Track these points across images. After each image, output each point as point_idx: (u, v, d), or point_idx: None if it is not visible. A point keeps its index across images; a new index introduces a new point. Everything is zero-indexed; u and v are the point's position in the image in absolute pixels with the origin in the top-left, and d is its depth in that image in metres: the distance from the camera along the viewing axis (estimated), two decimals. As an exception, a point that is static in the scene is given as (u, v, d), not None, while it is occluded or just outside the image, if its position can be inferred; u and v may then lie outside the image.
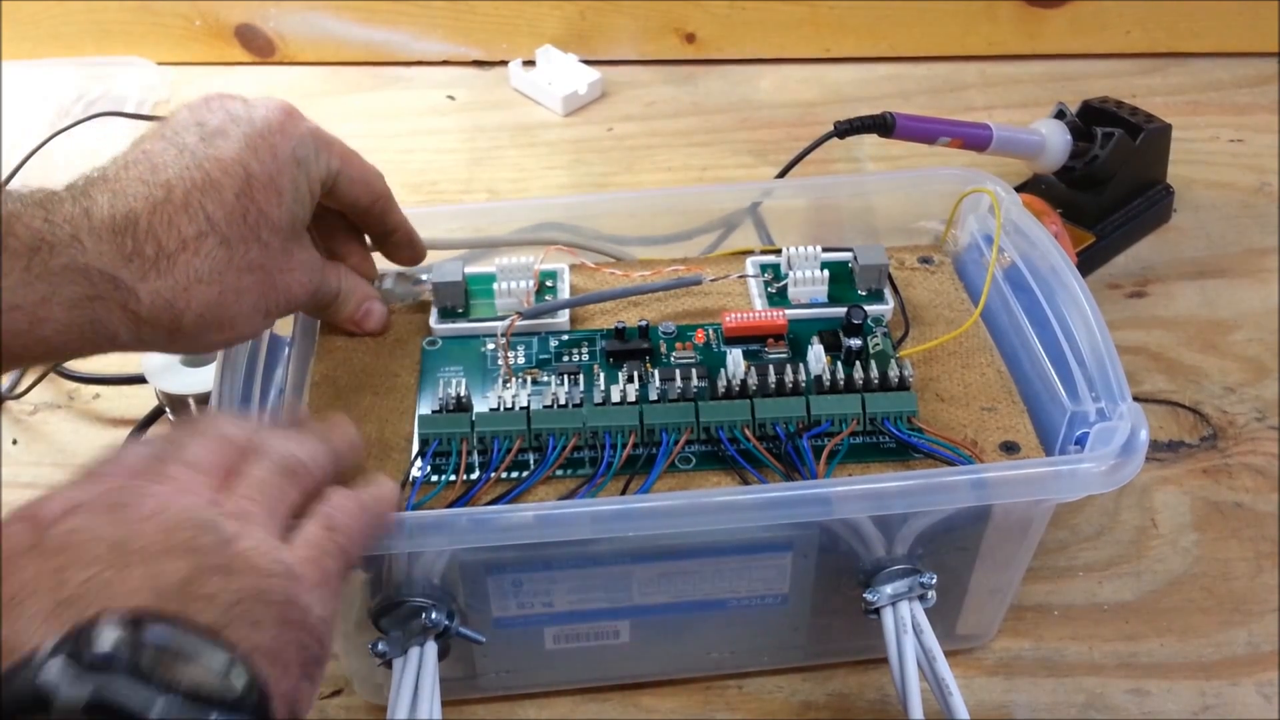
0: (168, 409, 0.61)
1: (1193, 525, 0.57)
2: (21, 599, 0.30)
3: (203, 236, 0.41)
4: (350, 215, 0.50)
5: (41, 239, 0.38)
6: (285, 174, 0.43)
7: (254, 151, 0.42)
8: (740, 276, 0.55)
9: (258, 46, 0.96)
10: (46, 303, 0.39)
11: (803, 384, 0.47)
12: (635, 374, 0.49)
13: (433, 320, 0.53)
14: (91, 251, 0.39)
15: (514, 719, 0.50)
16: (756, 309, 0.53)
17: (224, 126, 0.43)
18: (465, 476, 0.46)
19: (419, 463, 0.46)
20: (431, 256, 0.55)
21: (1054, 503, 0.46)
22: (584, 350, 0.51)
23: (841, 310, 0.51)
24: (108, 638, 0.27)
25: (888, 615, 0.45)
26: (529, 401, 0.47)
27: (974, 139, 0.67)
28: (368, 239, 0.52)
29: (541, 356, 0.51)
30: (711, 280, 0.54)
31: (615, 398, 0.47)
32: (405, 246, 0.52)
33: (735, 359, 0.49)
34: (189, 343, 0.42)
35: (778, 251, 0.55)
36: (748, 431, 0.46)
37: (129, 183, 0.41)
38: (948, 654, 0.44)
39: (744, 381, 0.47)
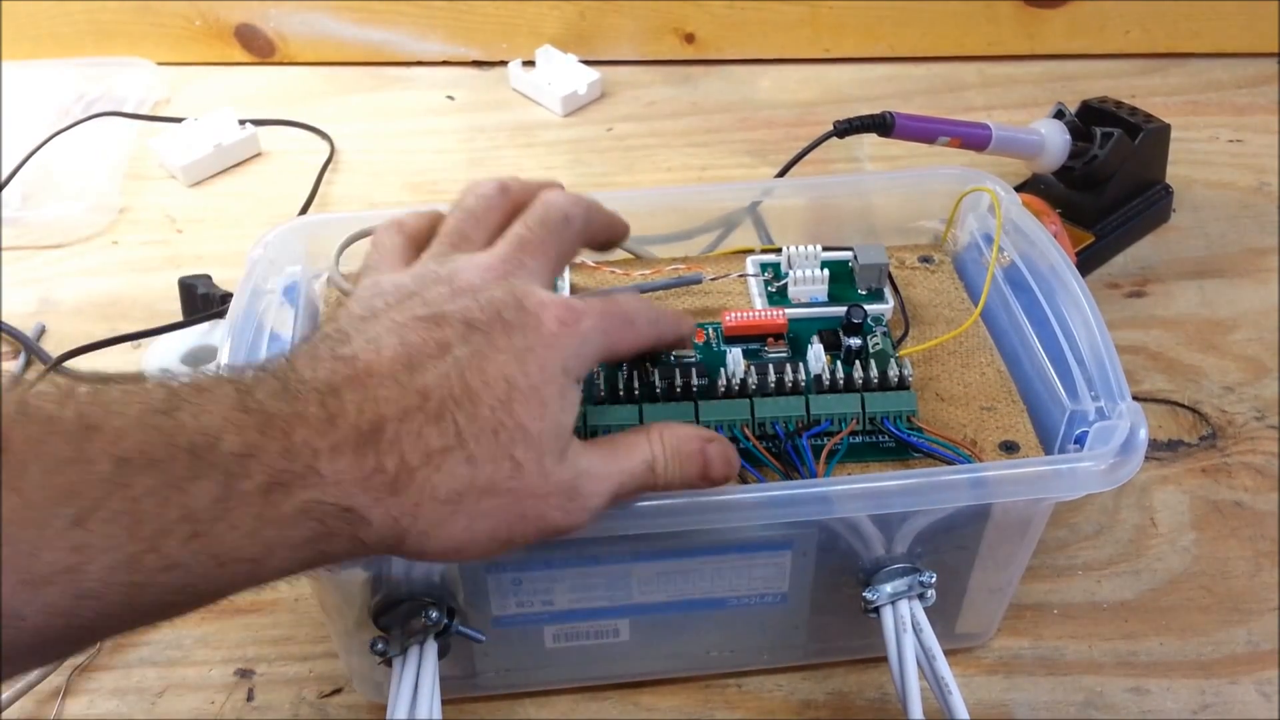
0: (168, 408, 0.60)
1: (1192, 524, 0.58)
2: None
3: (448, 451, 0.35)
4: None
5: (277, 477, 0.33)
6: (552, 385, 0.37)
7: (521, 365, 0.37)
8: (740, 275, 0.55)
9: (258, 46, 0.96)
10: (271, 550, 0.33)
11: (802, 383, 0.47)
12: (635, 373, 0.49)
13: (433, 319, 0.53)
14: (329, 479, 0.33)
15: (514, 718, 0.50)
16: (756, 308, 0.53)
17: (492, 332, 0.37)
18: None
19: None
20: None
21: (1053, 502, 0.46)
22: (584, 349, 0.51)
23: (841, 309, 0.51)
24: None
25: (887, 614, 0.45)
26: (529, 400, 0.47)
27: (973, 139, 0.67)
28: None
29: (541, 356, 0.51)
30: (711, 279, 0.54)
31: (615, 397, 0.47)
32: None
33: (735, 358, 0.49)
34: (407, 557, 0.37)
35: (778, 250, 0.55)
36: (747, 430, 0.46)
37: (383, 381, 0.35)
38: (947, 653, 0.44)
39: (743, 380, 0.47)
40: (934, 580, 0.45)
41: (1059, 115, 0.72)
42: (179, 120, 0.86)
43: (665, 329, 0.45)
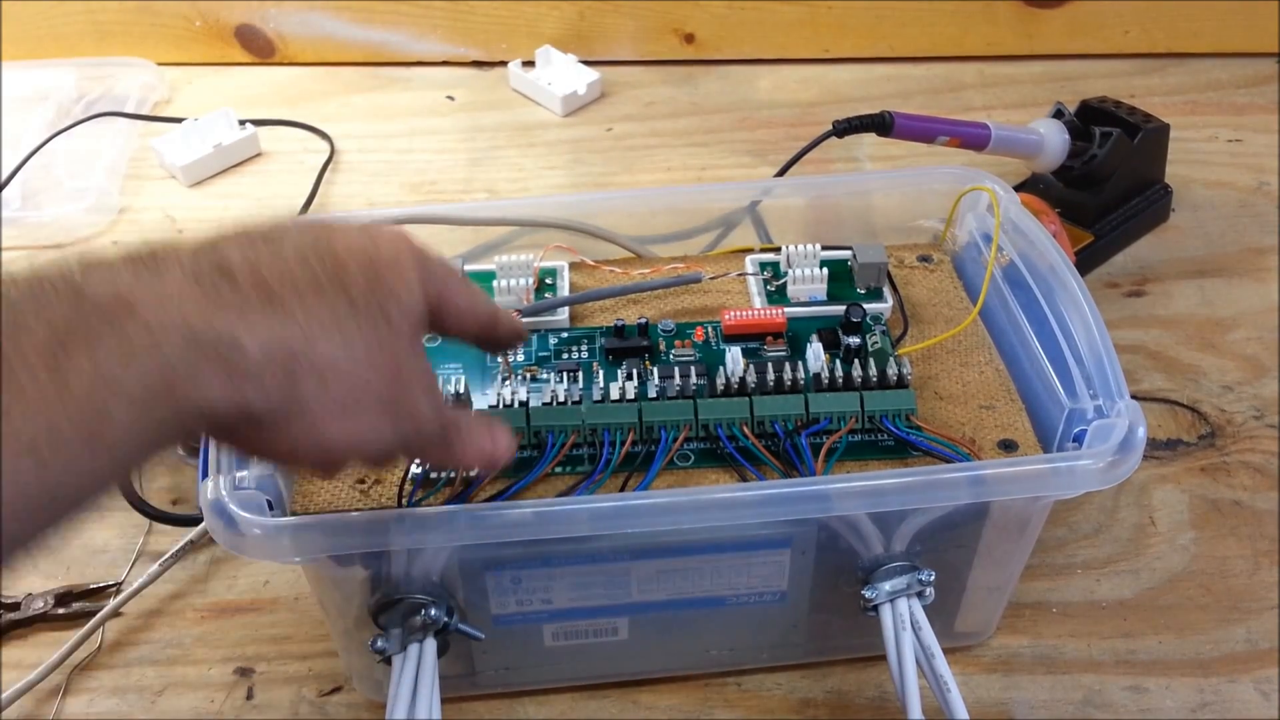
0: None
1: (1191, 523, 0.58)
2: None
3: (319, 289, 0.32)
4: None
5: (69, 328, 0.27)
6: (407, 262, 0.35)
7: (373, 239, 0.35)
8: (739, 274, 0.55)
9: (258, 47, 0.96)
10: (102, 415, 0.27)
11: (801, 382, 0.47)
12: (634, 371, 0.49)
13: (432, 318, 0.53)
14: (173, 303, 0.29)
15: (513, 717, 0.50)
16: (755, 307, 0.53)
17: (335, 225, 0.35)
18: (464, 474, 0.46)
19: (418, 460, 0.46)
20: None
21: (1052, 500, 0.46)
22: (583, 348, 0.51)
23: (840, 308, 0.51)
24: None
25: (886, 612, 0.45)
26: (528, 399, 0.47)
27: (972, 138, 0.67)
28: None
29: (541, 354, 0.51)
30: (711, 278, 0.54)
31: (614, 395, 0.47)
32: (509, 333, 0.42)
33: (734, 356, 0.49)
34: (303, 434, 0.32)
35: (777, 250, 0.55)
36: (746, 429, 0.46)
37: (222, 240, 0.32)
38: (946, 651, 0.44)
39: (743, 379, 0.47)
40: (933, 578, 0.45)
41: (1058, 115, 0.72)
42: (179, 120, 0.86)
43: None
